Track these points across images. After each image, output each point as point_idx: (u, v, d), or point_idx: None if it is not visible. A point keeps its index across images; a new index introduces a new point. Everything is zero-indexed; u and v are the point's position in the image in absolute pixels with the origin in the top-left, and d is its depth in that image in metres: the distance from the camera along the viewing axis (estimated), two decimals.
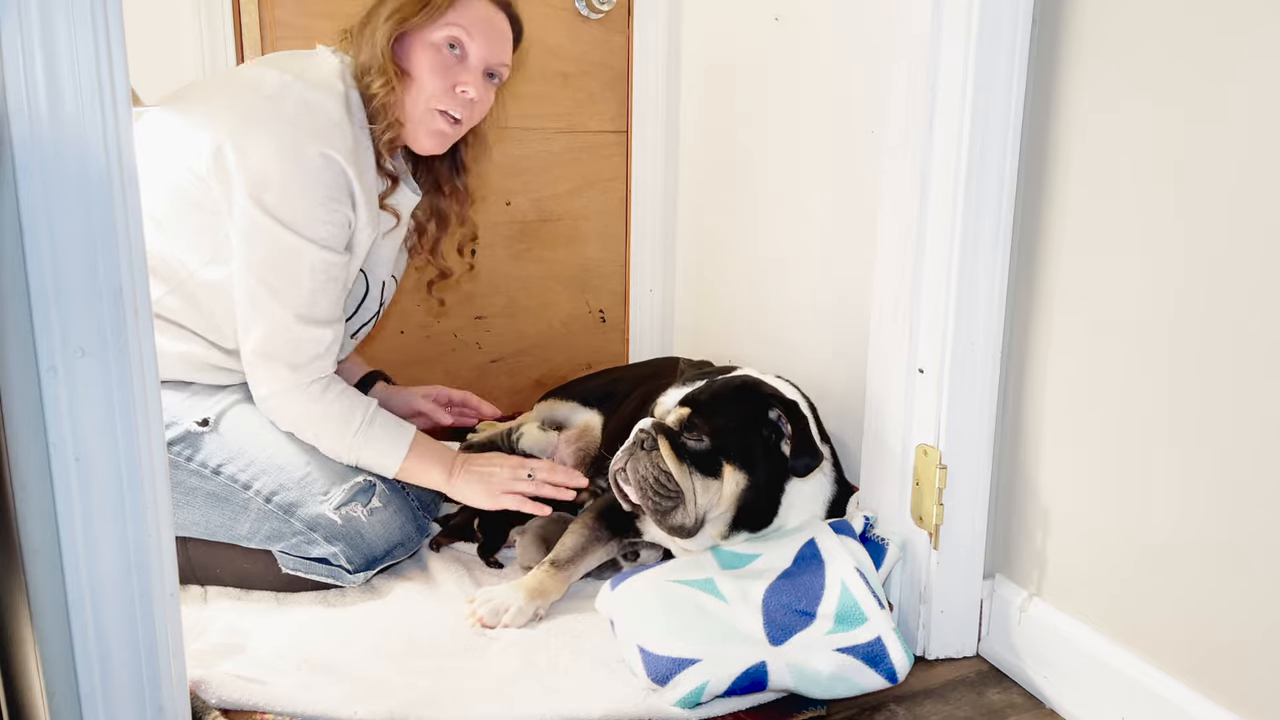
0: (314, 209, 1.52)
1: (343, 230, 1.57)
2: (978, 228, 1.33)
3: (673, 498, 1.45)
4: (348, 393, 1.63)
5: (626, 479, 1.47)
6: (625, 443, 1.50)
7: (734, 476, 1.47)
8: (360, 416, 1.62)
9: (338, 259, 1.57)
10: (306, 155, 1.49)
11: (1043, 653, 1.36)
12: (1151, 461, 1.20)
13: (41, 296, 0.92)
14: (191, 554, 1.59)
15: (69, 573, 0.97)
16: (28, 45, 0.89)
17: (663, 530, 1.48)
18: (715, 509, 1.49)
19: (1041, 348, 1.34)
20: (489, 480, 1.66)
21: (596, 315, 2.56)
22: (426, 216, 1.84)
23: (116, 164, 0.94)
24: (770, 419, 1.49)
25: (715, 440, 1.46)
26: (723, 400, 1.49)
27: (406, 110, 1.63)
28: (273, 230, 1.50)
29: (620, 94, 2.43)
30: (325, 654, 1.42)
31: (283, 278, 1.54)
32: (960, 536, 1.42)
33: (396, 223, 1.71)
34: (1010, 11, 1.27)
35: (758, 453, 1.48)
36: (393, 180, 1.67)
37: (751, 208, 2.16)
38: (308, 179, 1.50)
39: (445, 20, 1.60)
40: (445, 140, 1.68)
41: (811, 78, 1.92)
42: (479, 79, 1.64)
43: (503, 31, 1.67)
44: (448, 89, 1.62)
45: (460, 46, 1.62)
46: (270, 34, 2.08)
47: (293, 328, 1.56)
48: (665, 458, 1.44)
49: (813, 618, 1.38)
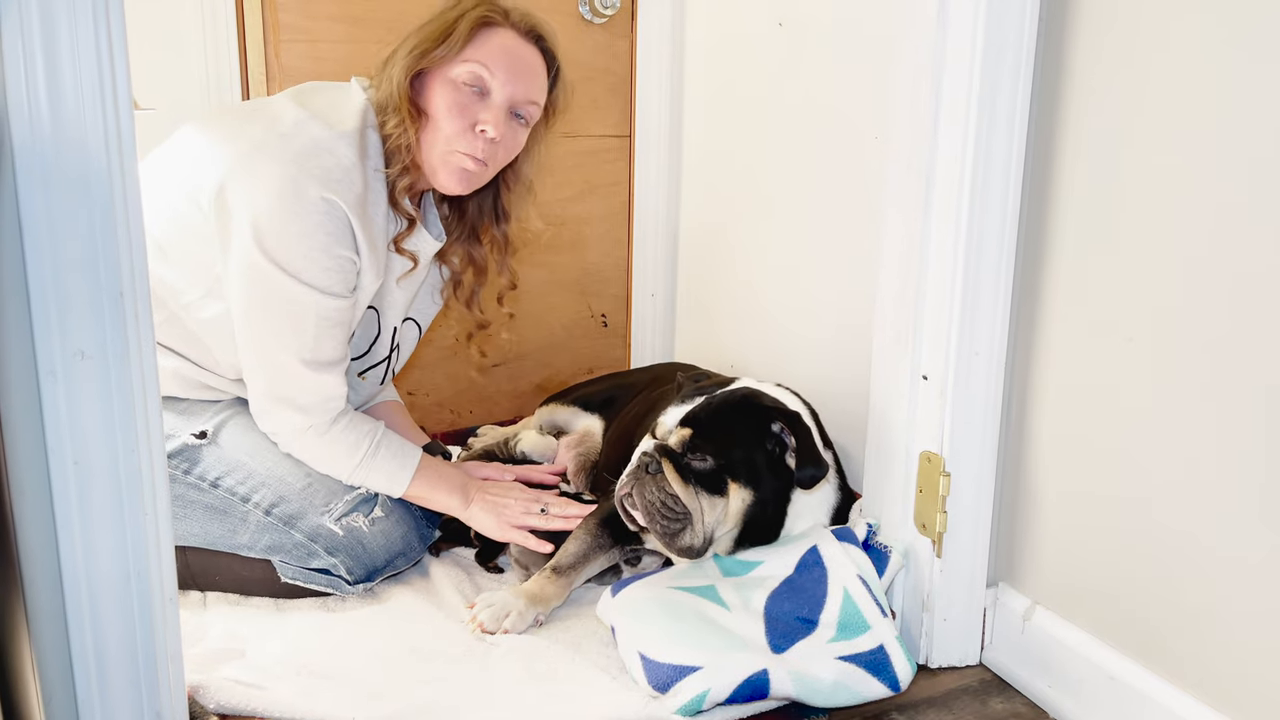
0: (314, 254, 1.46)
1: (347, 274, 1.51)
2: (982, 234, 1.32)
3: (680, 519, 1.44)
4: (354, 422, 1.61)
5: (634, 504, 1.46)
6: (629, 466, 1.49)
7: (740, 493, 1.46)
8: (367, 445, 1.60)
9: (343, 303, 1.52)
10: (308, 197, 1.43)
11: (1047, 662, 1.35)
12: (1157, 470, 1.19)
13: (41, 299, 0.92)
14: (190, 560, 1.58)
15: (67, 577, 0.97)
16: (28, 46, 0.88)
17: (671, 553, 1.48)
18: (722, 526, 1.48)
19: (1046, 354, 1.34)
20: (502, 512, 1.65)
21: (598, 320, 2.56)
22: (463, 266, 1.76)
23: (118, 166, 0.93)
24: (773, 432, 1.48)
25: (719, 459, 1.45)
26: (724, 417, 1.48)
27: (424, 152, 1.54)
28: (273, 275, 1.45)
29: (623, 99, 2.43)
30: (325, 659, 1.41)
31: (285, 323, 1.49)
32: (963, 544, 1.42)
33: (413, 266, 1.63)
34: (1016, 20, 1.26)
35: (762, 468, 1.48)
36: (410, 222, 1.59)
37: (754, 213, 2.15)
38: (308, 223, 1.44)
39: (465, 56, 1.51)
40: (469, 180, 1.56)
41: (815, 83, 1.92)
42: (500, 117, 1.53)
43: (530, 65, 1.56)
44: (466, 128, 1.51)
45: (482, 83, 1.52)
46: (274, 37, 2.07)
47: (300, 372, 1.52)
48: (671, 481, 1.44)
49: (815, 625, 1.38)
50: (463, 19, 1.52)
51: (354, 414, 1.62)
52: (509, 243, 1.75)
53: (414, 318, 1.82)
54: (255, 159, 1.45)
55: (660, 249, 2.50)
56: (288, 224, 1.44)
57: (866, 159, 1.77)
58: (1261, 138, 1.04)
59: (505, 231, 1.74)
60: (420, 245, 1.63)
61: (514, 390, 2.50)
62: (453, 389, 2.42)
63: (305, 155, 1.45)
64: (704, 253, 2.40)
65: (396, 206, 1.57)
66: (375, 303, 1.67)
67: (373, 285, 1.57)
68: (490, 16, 1.53)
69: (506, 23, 1.55)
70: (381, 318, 1.71)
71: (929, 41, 1.31)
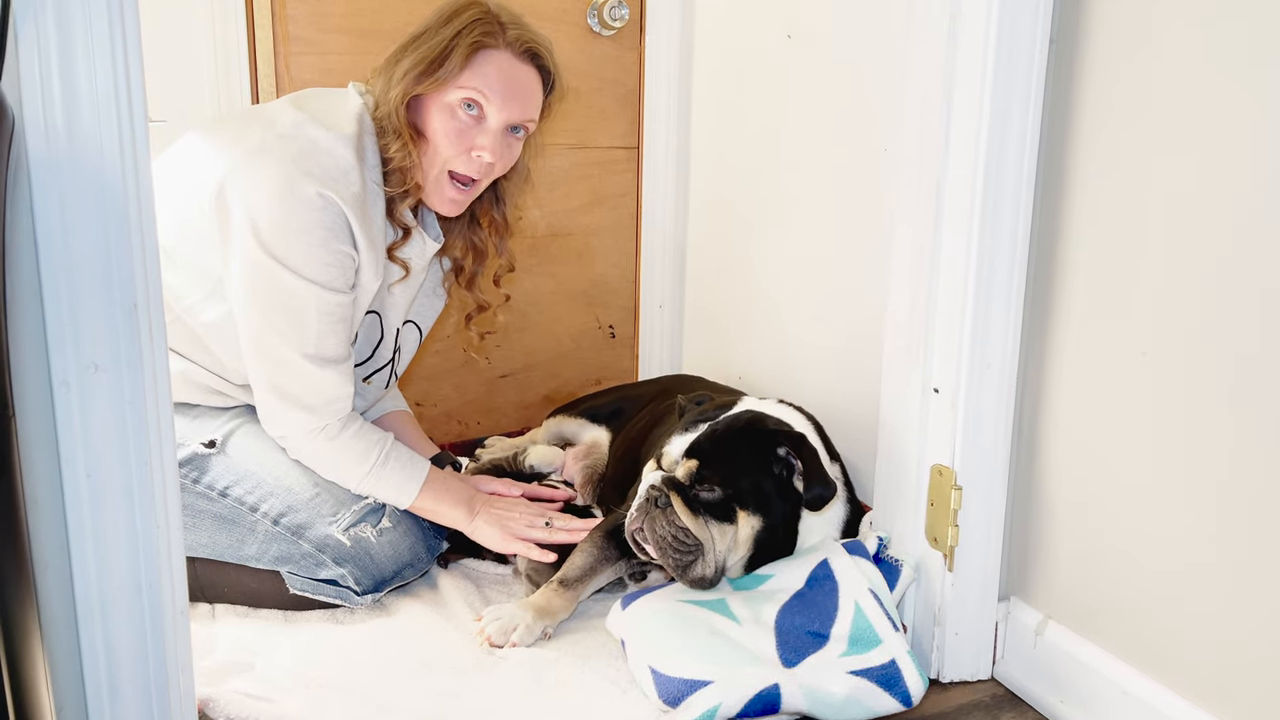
0: (313, 249, 1.48)
1: (346, 270, 1.53)
2: (994, 246, 1.32)
3: (692, 551, 1.44)
4: (364, 431, 1.61)
5: (645, 538, 1.46)
6: (636, 500, 1.49)
7: (749, 521, 1.46)
8: (376, 454, 1.60)
9: (344, 298, 1.53)
10: (305, 195, 1.45)
11: (1059, 677, 1.34)
12: (1171, 485, 1.18)
13: (56, 311, 0.92)
14: (199, 572, 1.58)
15: (79, 589, 0.97)
16: (45, 59, 0.89)
17: (684, 584, 1.47)
18: (734, 554, 1.48)
19: (1058, 367, 1.33)
20: (506, 525, 1.65)
21: (606, 331, 2.56)
22: (463, 253, 1.79)
23: (133, 179, 0.94)
24: (779, 455, 1.48)
25: (727, 489, 1.45)
26: (729, 445, 1.48)
27: (424, 171, 1.58)
28: (274, 271, 1.47)
29: (632, 110, 2.43)
30: (333, 672, 1.40)
31: (288, 319, 1.51)
32: (975, 558, 1.41)
33: (405, 275, 1.66)
34: (1028, 32, 1.26)
35: (771, 494, 1.48)
36: (405, 231, 1.62)
37: (763, 224, 2.15)
38: (306, 219, 1.46)
39: (461, 82, 1.52)
40: (459, 206, 1.63)
41: (824, 95, 1.92)
42: (496, 140, 1.56)
43: (525, 86, 1.58)
44: (463, 152, 1.56)
45: (478, 107, 1.54)
46: (284, 49, 2.08)
47: (304, 368, 1.53)
48: (680, 514, 1.44)
49: (826, 639, 1.37)
50: (459, 42, 1.51)
51: (364, 423, 1.63)
52: (508, 225, 1.79)
53: (414, 320, 1.84)
54: (254, 159, 1.47)
55: (668, 260, 2.50)
56: (286, 220, 1.46)
57: (876, 170, 1.77)
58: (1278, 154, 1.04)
59: (504, 213, 1.77)
60: (414, 253, 1.66)
61: (522, 401, 2.50)
62: (460, 400, 2.42)
63: (303, 155, 1.48)
64: (712, 264, 2.40)
65: (393, 217, 1.60)
66: (376, 306, 1.68)
67: (373, 284, 1.59)
68: (485, 41, 1.53)
69: (503, 44, 1.54)
70: (384, 320, 1.72)
71: (939, 53, 1.31)
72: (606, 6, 2.30)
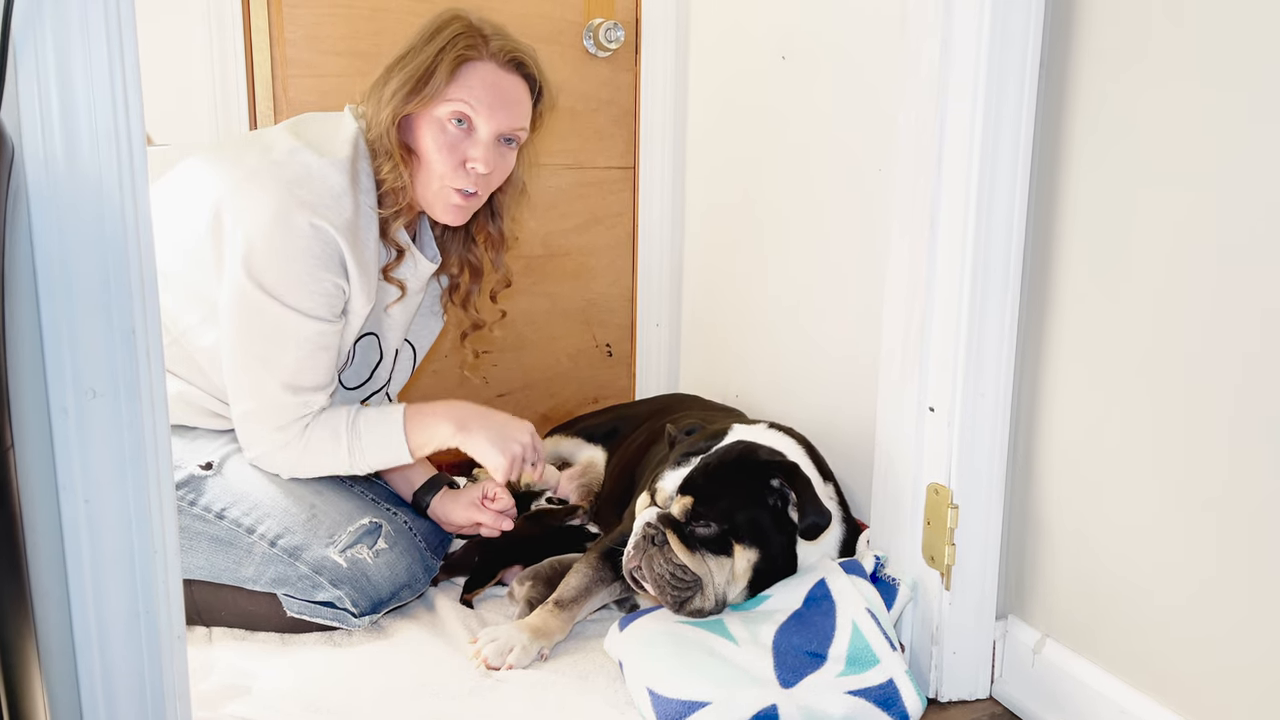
0: (301, 278, 1.49)
1: (333, 299, 1.54)
2: (988, 267, 1.33)
3: (690, 587, 1.44)
4: (325, 417, 1.61)
5: (643, 576, 1.46)
6: (633, 537, 1.48)
7: (746, 554, 1.46)
8: (344, 426, 1.60)
9: (328, 327, 1.55)
10: (296, 224, 1.47)
11: (1057, 696, 1.34)
12: (1168, 504, 1.19)
13: (54, 337, 0.92)
14: (196, 595, 1.58)
15: (76, 616, 0.97)
16: (43, 86, 0.89)
17: (683, 617, 1.47)
18: (733, 587, 1.48)
19: (1053, 386, 1.34)
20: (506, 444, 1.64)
21: (603, 350, 2.56)
22: (459, 270, 1.80)
23: (131, 206, 0.94)
24: (774, 487, 1.48)
25: (723, 523, 1.45)
26: (723, 479, 1.47)
27: (418, 190, 1.59)
28: (259, 299, 1.49)
29: (628, 131, 2.45)
30: (331, 695, 1.40)
31: (269, 347, 1.52)
32: (972, 577, 1.41)
33: (401, 295, 1.67)
34: (1018, 57, 1.27)
35: (767, 525, 1.48)
36: (399, 252, 1.63)
37: (758, 244, 2.16)
38: (294, 248, 1.47)
39: (448, 95, 1.53)
40: (464, 212, 1.63)
41: (818, 115, 1.93)
42: (488, 151, 1.57)
43: (513, 96, 1.59)
44: (456, 166, 1.56)
45: (467, 120, 1.55)
46: (282, 72, 2.09)
47: (279, 396, 1.55)
48: (677, 552, 1.44)
49: (824, 659, 1.37)
50: (443, 57, 1.53)
51: (322, 413, 1.62)
52: (504, 239, 1.79)
53: (410, 341, 1.84)
54: (249, 185, 1.49)
55: (665, 279, 2.51)
56: (275, 249, 1.47)
57: (870, 191, 1.78)
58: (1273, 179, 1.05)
59: (500, 228, 1.77)
60: (410, 273, 1.67)
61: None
62: None
63: (296, 182, 1.49)
64: (709, 283, 2.41)
65: (387, 238, 1.61)
66: (374, 327, 1.69)
67: (364, 309, 1.59)
68: (468, 54, 1.54)
69: (486, 55, 1.56)
70: (383, 341, 1.73)
71: (932, 75, 1.33)
72: (602, 28, 2.32)
